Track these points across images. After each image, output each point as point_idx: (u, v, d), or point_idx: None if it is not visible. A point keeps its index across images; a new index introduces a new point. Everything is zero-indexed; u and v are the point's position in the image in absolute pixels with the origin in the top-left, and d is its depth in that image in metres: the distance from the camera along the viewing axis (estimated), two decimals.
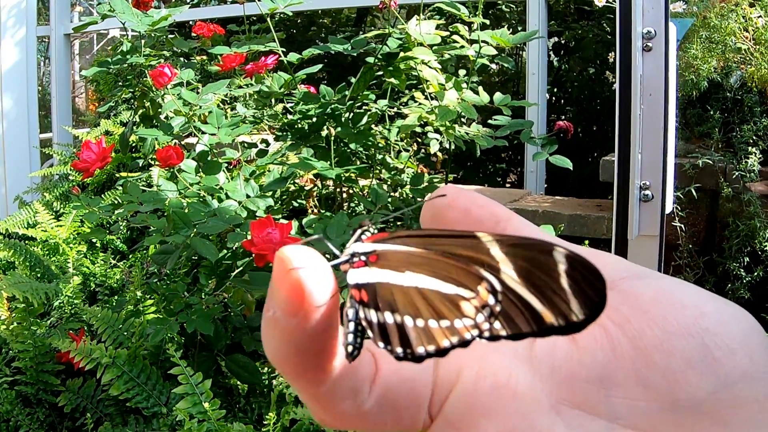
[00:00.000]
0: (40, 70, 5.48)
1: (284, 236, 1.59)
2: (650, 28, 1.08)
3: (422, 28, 2.02)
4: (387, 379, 0.29)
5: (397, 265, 0.28)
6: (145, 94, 2.38)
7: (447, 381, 0.29)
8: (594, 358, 0.28)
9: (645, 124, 1.10)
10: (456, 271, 0.27)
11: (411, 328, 0.27)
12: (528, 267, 0.26)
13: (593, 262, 0.26)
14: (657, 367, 0.27)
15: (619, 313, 0.28)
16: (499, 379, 0.28)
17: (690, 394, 0.27)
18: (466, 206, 0.32)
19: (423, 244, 0.28)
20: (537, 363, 0.29)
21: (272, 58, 2.25)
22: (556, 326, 0.26)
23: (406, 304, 0.28)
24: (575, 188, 3.96)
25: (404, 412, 0.29)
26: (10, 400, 2.05)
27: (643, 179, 1.14)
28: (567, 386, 0.28)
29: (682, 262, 2.67)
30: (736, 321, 0.28)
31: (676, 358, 0.27)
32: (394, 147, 2.44)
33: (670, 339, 0.27)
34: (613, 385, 0.27)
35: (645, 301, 0.28)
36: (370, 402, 0.29)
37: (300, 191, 2.48)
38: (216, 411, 1.65)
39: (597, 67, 4.73)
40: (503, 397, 0.28)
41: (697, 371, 0.27)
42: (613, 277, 0.29)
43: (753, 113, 2.70)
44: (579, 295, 0.26)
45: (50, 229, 3.08)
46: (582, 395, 0.28)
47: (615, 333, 0.28)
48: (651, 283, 0.29)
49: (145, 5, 2.34)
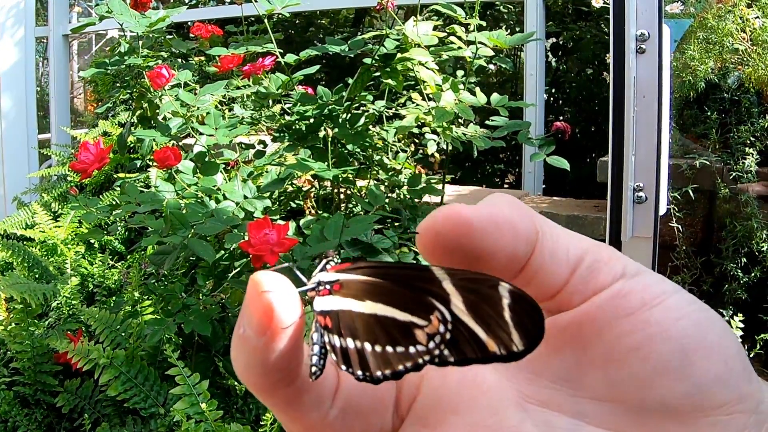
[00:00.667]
0: (38, 71, 5.49)
1: (281, 237, 1.59)
2: (644, 30, 1.08)
3: (419, 30, 2.03)
4: (348, 389, 0.30)
5: (358, 294, 0.30)
6: (143, 95, 2.38)
7: (412, 381, 0.30)
8: (563, 359, 0.29)
9: (639, 126, 1.11)
10: (411, 301, 0.29)
11: (370, 353, 0.29)
12: (475, 300, 0.28)
13: (596, 266, 0.29)
14: (629, 369, 0.28)
15: (601, 315, 0.28)
16: (466, 377, 0.29)
17: (660, 397, 0.27)
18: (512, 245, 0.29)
19: (382, 275, 0.30)
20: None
21: (270, 60, 2.25)
22: (498, 355, 0.27)
23: (366, 330, 0.29)
24: (573, 189, 3.96)
25: (371, 417, 0.30)
26: (8, 401, 2.05)
27: (637, 181, 1.14)
28: (533, 385, 0.29)
29: (679, 263, 2.67)
30: (711, 325, 0.28)
31: (652, 361, 0.27)
32: (392, 148, 2.44)
33: (648, 342, 0.27)
34: (581, 386, 0.28)
35: (630, 303, 0.28)
36: (334, 412, 0.30)
37: (298, 192, 2.49)
38: (213, 412, 1.65)
39: (595, 68, 4.73)
40: (472, 393, 0.29)
41: (672, 376, 0.27)
42: (611, 276, 0.29)
43: (750, 114, 2.70)
44: (520, 328, 0.27)
45: (48, 230, 3.08)
46: (547, 394, 0.28)
47: (589, 335, 0.28)
48: (639, 285, 0.29)
49: (143, 6, 2.34)
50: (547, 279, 0.29)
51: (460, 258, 0.28)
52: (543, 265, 0.29)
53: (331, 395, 0.30)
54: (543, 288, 0.29)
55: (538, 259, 0.29)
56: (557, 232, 0.30)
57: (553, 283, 0.29)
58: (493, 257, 0.28)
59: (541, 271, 0.29)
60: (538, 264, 0.29)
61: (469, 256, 0.28)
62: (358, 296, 0.30)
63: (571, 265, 0.29)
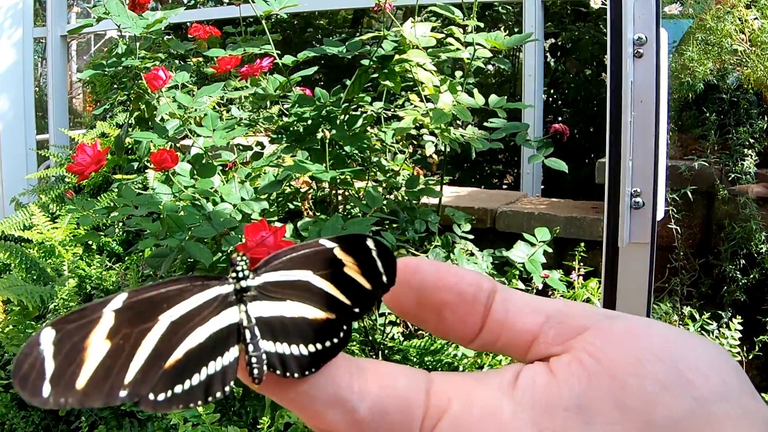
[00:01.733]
0: (36, 71, 5.48)
1: (278, 240, 1.58)
2: (641, 34, 1.08)
3: (417, 31, 2.02)
4: (379, 392, 0.32)
5: (281, 295, 0.34)
6: (140, 97, 2.37)
7: (439, 407, 0.32)
8: (572, 388, 0.30)
9: (636, 131, 1.11)
10: (322, 297, 0.35)
11: (302, 355, 0.33)
12: (356, 256, 0.34)
13: (567, 310, 0.33)
14: (633, 390, 0.29)
15: (595, 347, 0.31)
16: (485, 409, 0.31)
17: (666, 414, 0.29)
18: (458, 285, 0.34)
19: (294, 264, 0.35)
20: (519, 396, 0.31)
21: (267, 61, 2.25)
22: (374, 292, 0.34)
23: (294, 333, 0.33)
24: (572, 190, 3.95)
25: (397, 430, 0.32)
26: (5, 403, 2.05)
27: (634, 186, 1.14)
28: (548, 416, 0.30)
29: (677, 265, 2.67)
30: (704, 347, 0.30)
31: (650, 381, 0.29)
32: (390, 149, 2.44)
33: (644, 365, 0.29)
34: (592, 412, 0.30)
35: (618, 335, 0.31)
36: (363, 409, 0.31)
37: (295, 193, 2.48)
38: (210, 415, 1.65)
39: (593, 69, 4.73)
40: (490, 425, 0.31)
41: (672, 393, 0.29)
42: (588, 319, 0.32)
43: (749, 115, 2.70)
44: (385, 268, 0.34)
45: (46, 232, 3.08)
46: (562, 423, 0.30)
47: (591, 364, 0.30)
48: (621, 322, 0.32)
49: (141, 7, 2.34)
50: (518, 326, 0.33)
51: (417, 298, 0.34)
52: (509, 314, 0.33)
53: (350, 391, 0.32)
54: (518, 336, 0.33)
55: (501, 307, 0.33)
56: (522, 294, 0.35)
57: (526, 330, 0.33)
58: (440, 293, 0.34)
59: (509, 320, 0.33)
60: (502, 312, 0.33)
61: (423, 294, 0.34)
62: (282, 297, 0.34)
63: (541, 313, 0.33)
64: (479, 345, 0.34)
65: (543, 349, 0.33)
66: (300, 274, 0.35)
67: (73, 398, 0.29)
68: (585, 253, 2.50)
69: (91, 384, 0.30)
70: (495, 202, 3.08)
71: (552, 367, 0.31)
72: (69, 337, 0.30)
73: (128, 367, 0.31)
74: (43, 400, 0.29)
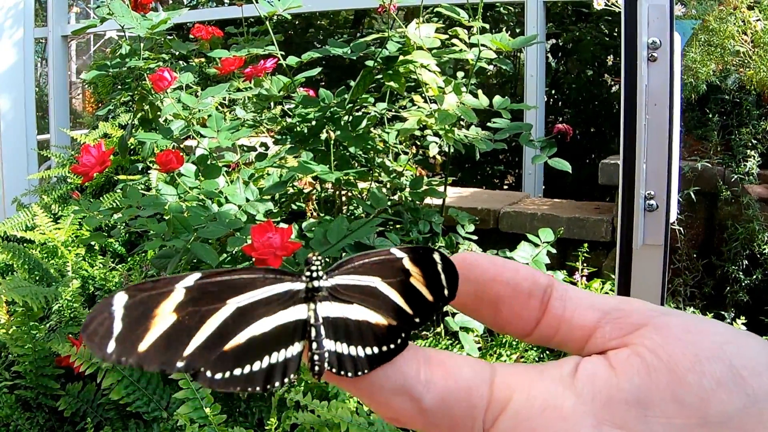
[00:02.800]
0: (36, 72, 5.48)
1: (284, 241, 1.58)
2: (655, 38, 1.08)
3: (422, 32, 2.02)
4: (445, 383, 0.33)
5: (348, 297, 0.36)
6: (144, 98, 2.37)
7: (501, 399, 0.33)
8: (632, 382, 0.31)
9: (650, 134, 1.11)
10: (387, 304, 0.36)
11: (359, 356, 0.34)
12: (423, 267, 0.35)
13: (624, 307, 0.34)
14: (690, 387, 0.30)
15: (654, 343, 0.32)
16: (547, 401, 0.32)
17: (720, 410, 0.29)
18: (514, 278, 0.36)
19: (364, 270, 0.36)
20: (580, 388, 0.32)
21: (271, 62, 2.25)
22: (435, 304, 0.35)
23: (356, 336, 0.35)
24: (573, 190, 3.96)
25: (459, 420, 0.33)
26: (10, 405, 2.05)
27: (648, 189, 1.14)
28: (608, 408, 0.31)
29: (681, 265, 2.67)
30: (759, 347, 0.31)
31: (707, 378, 0.30)
32: (393, 150, 2.44)
33: (701, 362, 0.30)
34: (651, 406, 0.30)
35: (676, 332, 0.32)
36: (429, 399, 0.33)
37: (299, 194, 2.48)
38: (217, 416, 1.65)
39: (595, 70, 4.73)
40: (551, 417, 0.31)
41: (726, 389, 0.30)
42: (645, 315, 0.33)
43: (751, 116, 2.70)
44: (447, 281, 0.35)
45: (48, 232, 3.08)
46: (621, 416, 0.31)
47: (650, 359, 0.31)
48: (679, 318, 0.32)
49: (143, 7, 2.34)
50: (575, 321, 0.34)
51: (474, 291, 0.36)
52: (567, 310, 0.35)
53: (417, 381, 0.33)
54: (575, 331, 0.34)
55: (559, 303, 0.35)
56: (579, 290, 0.35)
57: (583, 325, 0.34)
58: (496, 287, 0.35)
59: (566, 316, 0.34)
60: (560, 308, 0.35)
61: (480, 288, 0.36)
62: (350, 300, 0.36)
63: (598, 310, 0.34)
64: (537, 339, 0.35)
65: (600, 344, 0.33)
66: (369, 279, 0.36)
67: (133, 359, 0.31)
68: (588, 254, 2.50)
69: (152, 349, 0.32)
70: (498, 203, 3.08)
71: (611, 360, 0.32)
72: (140, 304, 0.32)
73: (189, 342, 0.33)
74: (106, 355, 0.31)
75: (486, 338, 2.31)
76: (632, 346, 0.32)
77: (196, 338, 0.33)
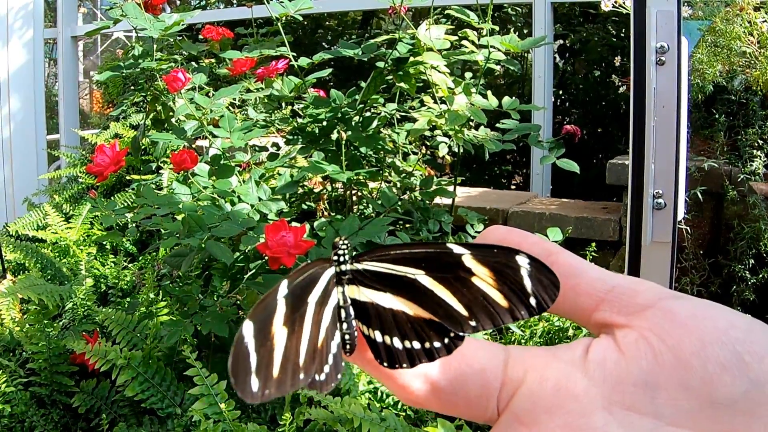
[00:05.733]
0: (45, 72, 5.50)
1: (298, 240, 1.61)
2: (663, 42, 1.11)
3: (432, 34, 2.04)
4: (459, 364, 0.35)
5: (380, 285, 0.36)
6: (156, 98, 2.40)
7: (515, 380, 0.34)
8: (639, 365, 0.32)
9: (658, 135, 1.13)
10: (428, 299, 0.35)
11: (393, 347, 0.35)
12: (497, 269, 0.34)
13: (635, 286, 0.35)
14: (695, 371, 0.31)
15: (660, 327, 0.33)
16: (560, 382, 0.33)
17: (726, 393, 0.31)
18: (518, 242, 0.36)
19: (406, 259, 0.35)
20: (591, 371, 0.33)
21: (283, 63, 2.27)
22: (515, 316, 0.34)
23: (389, 324, 0.35)
24: (581, 190, 3.98)
25: (474, 400, 0.34)
26: (25, 402, 2.07)
27: (656, 188, 1.17)
28: (617, 390, 0.32)
29: (687, 264, 2.69)
30: (762, 333, 0.32)
31: (711, 362, 0.31)
32: (402, 150, 2.46)
33: (706, 347, 0.31)
34: (658, 389, 0.32)
35: (682, 316, 0.33)
36: (445, 381, 0.34)
37: (309, 194, 2.50)
38: (231, 412, 1.68)
39: (602, 70, 4.74)
40: (564, 397, 0.33)
41: (731, 374, 0.31)
42: (653, 297, 0.34)
43: (758, 117, 2.72)
44: (536, 291, 0.33)
45: (60, 231, 3.10)
46: (630, 398, 0.32)
47: (657, 343, 0.33)
48: (686, 303, 0.34)
49: (155, 9, 2.36)
50: (582, 289, 0.35)
51: None
52: (573, 276, 0.36)
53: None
54: (582, 299, 0.36)
55: (566, 270, 0.35)
56: (589, 263, 0.36)
57: (590, 294, 0.35)
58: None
59: (572, 282, 0.35)
60: (566, 275, 0.35)
61: None
62: (380, 288, 0.36)
63: (607, 283, 0.35)
64: None
65: (607, 317, 0.35)
66: (408, 270, 0.35)
67: (272, 388, 0.32)
68: (596, 253, 2.52)
69: (282, 370, 0.32)
70: (506, 203, 3.10)
71: (619, 344, 0.33)
72: (263, 328, 0.32)
73: (300, 350, 0.33)
74: (253, 395, 0.31)
75: (495, 335, 2.33)
76: (639, 330, 0.33)
77: (302, 346, 0.33)
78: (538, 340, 2.30)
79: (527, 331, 2.31)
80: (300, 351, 0.33)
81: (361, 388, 1.91)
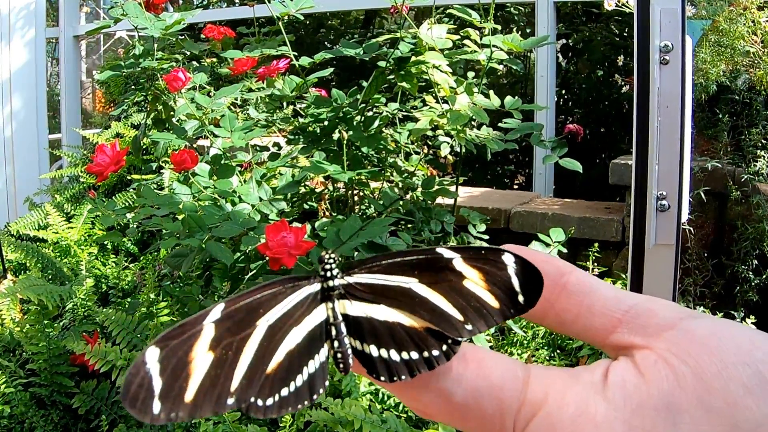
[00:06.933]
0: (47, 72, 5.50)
1: (299, 240, 1.60)
2: (667, 41, 1.10)
3: (434, 33, 2.03)
4: (476, 380, 0.34)
5: (373, 297, 0.35)
6: (157, 98, 2.39)
7: (534, 402, 0.33)
8: (660, 388, 0.31)
9: (662, 136, 1.12)
10: (422, 305, 0.34)
11: (389, 360, 0.34)
12: (484, 270, 0.34)
13: (651, 306, 0.34)
14: (718, 393, 0.30)
15: (680, 348, 0.32)
16: (580, 408, 0.32)
17: (749, 417, 0.30)
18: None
19: (396, 268, 0.35)
20: (611, 394, 0.32)
21: (284, 62, 2.26)
22: (505, 314, 0.34)
23: (384, 338, 0.34)
24: (583, 190, 3.97)
25: (489, 417, 0.33)
26: (25, 402, 2.07)
27: (660, 189, 1.16)
28: (638, 414, 0.31)
29: (690, 265, 2.68)
30: None
31: (734, 384, 0.30)
32: (404, 150, 2.45)
33: (728, 368, 0.30)
34: (679, 412, 0.31)
35: (702, 336, 0.32)
36: (459, 395, 0.33)
37: (311, 194, 2.49)
38: (231, 413, 1.67)
39: (605, 70, 4.73)
40: (583, 424, 0.32)
41: (754, 396, 0.30)
42: (672, 317, 0.33)
43: (761, 116, 2.71)
44: (523, 288, 0.33)
45: (62, 231, 3.10)
46: (651, 422, 0.31)
47: (678, 365, 0.32)
48: (705, 322, 0.33)
49: (156, 8, 2.35)
50: (597, 309, 0.35)
51: None
52: (587, 296, 0.35)
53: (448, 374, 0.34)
54: (598, 320, 0.35)
55: (577, 289, 0.35)
56: (604, 283, 0.36)
57: (606, 315, 0.35)
58: None
59: (586, 302, 0.35)
60: (580, 294, 0.35)
61: None
62: (374, 300, 0.35)
63: (624, 303, 0.35)
64: (555, 324, 0.36)
65: (625, 339, 0.34)
66: (401, 280, 0.34)
67: (184, 411, 0.30)
68: (599, 253, 2.51)
69: (200, 395, 0.31)
70: (509, 203, 3.09)
71: (639, 366, 0.32)
72: (173, 353, 0.31)
73: (233, 375, 0.32)
74: (153, 417, 0.30)
75: (497, 337, 2.32)
76: (659, 351, 0.32)
77: (238, 370, 0.32)
78: (541, 341, 2.29)
79: (529, 332, 2.30)
80: (234, 375, 0.32)
81: (362, 390, 1.90)
